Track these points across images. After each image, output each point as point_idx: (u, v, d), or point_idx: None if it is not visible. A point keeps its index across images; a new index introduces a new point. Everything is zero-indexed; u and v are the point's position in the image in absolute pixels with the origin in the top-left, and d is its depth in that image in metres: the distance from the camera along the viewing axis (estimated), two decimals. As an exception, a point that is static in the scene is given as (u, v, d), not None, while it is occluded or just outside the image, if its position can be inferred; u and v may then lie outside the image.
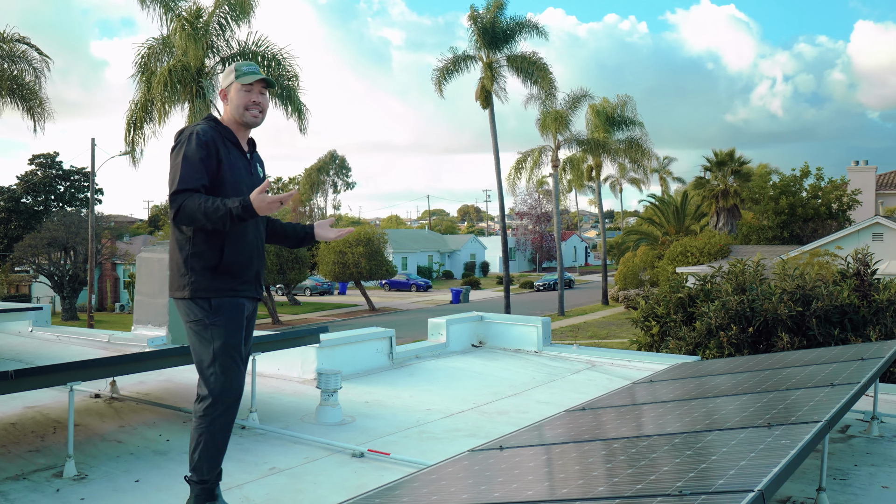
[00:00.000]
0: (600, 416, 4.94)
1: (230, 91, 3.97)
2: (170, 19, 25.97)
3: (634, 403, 5.24)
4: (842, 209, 38.71)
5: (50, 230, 46.81)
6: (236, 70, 3.97)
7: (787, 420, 3.75)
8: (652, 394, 5.58)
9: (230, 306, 3.83)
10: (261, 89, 3.98)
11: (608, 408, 5.21)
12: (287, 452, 5.16)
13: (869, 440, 5.65)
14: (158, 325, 8.31)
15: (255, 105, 3.95)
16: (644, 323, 14.42)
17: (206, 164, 3.77)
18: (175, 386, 6.95)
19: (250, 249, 3.92)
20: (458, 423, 6.06)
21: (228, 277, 3.84)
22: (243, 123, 3.96)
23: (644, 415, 4.76)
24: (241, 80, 3.93)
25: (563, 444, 4.18)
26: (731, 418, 4.07)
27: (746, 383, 5.25)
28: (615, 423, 4.60)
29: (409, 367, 8.11)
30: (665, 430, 4.05)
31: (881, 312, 11.31)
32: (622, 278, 46.37)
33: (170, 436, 5.44)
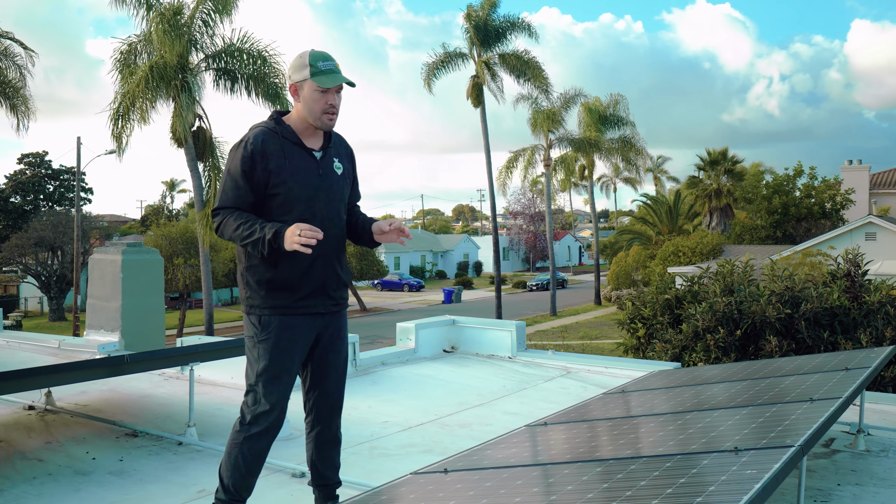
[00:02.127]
0: (560, 433, 4.54)
1: (303, 88, 3.55)
2: (149, 17, 25.53)
3: (599, 418, 4.84)
4: (835, 209, 38.38)
5: (37, 230, 46.32)
6: (311, 66, 3.52)
7: (757, 443, 3.34)
8: (620, 407, 5.18)
9: (281, 325, 3.54)
10: (339, 89, 3.60)
11: (570, 423, 4.81)
12: (222, 472, 4.74)
13: (854, 456, 5.25)
14: (111, 331, 7.90)
15: (331, 108, 3.57)
16: (630, 325, 14.04)
17: (249, 179, 3.49)
18: (118, 397, 6.53)
19: (311, 258, 3.50)
20: (416, 437, 5.65)
21: (284, 292, 3.55)
22: (320, 128, 3.60)
23: (606, 433, 4.36)
24: (317, 81, 3.51)
25: (513, 469, 3.78)
26: (697, 440, 3.67)
27: (719, 397, 4.84)
28: (574, 443, 4.19)
29: (372, 374, 7.69)
30: (622, 454, 3.64)
31: (872, 315, 10.93)
32: (615, 278, 46.02)
33: (97, 453, 5.03)
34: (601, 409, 5.15)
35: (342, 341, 3.79)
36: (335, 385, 3.77)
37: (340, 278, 3.72)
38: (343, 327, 3.79)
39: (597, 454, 3.75)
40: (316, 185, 3.59)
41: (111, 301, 7.94)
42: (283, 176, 3.51)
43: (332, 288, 3.67)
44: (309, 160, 3.60)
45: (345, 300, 3.81)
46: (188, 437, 5.31)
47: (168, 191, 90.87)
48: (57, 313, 46.76)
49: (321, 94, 3.53)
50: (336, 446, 3.86)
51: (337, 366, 3.77)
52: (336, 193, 3.67)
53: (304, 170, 3.57)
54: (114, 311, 7.91)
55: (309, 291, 3.58)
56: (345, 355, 3.83)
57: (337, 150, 3.75)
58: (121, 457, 4.98)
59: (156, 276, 8.22)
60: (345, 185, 3.74)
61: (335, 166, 3.69)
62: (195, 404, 6.23)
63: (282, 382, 3.57)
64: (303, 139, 3.62)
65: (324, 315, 3.66)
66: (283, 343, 3.55)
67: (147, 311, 8.08)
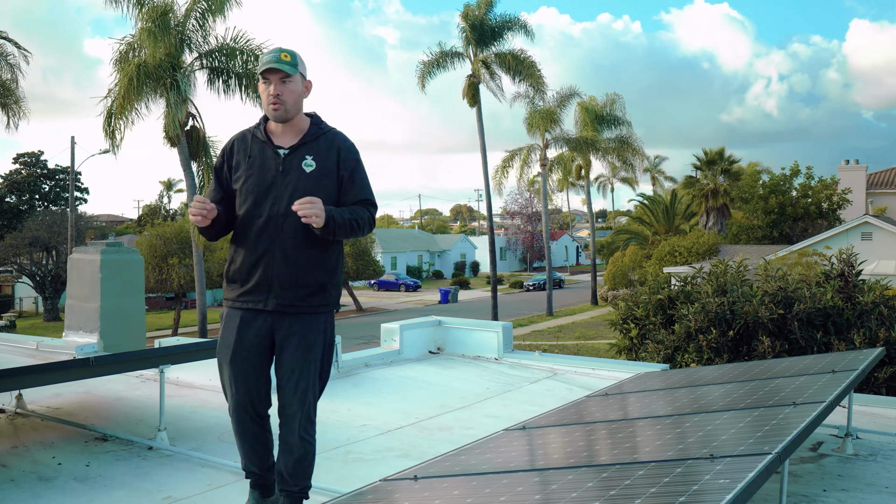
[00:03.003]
0: (537, 438, 4.41)
1: (259, 88, 3.69)
2: (139, 16, 25.38)
3: (578, 422, 4.70)
4: (832, 208, 38.26)
5: (32, 230, 46.15)
6: (259, 62, 3.65)
7: (733, 450, 3.21)
8: (601, 410, 5.05)
9: (227, 317, 3.68)
10: (280, 78, 3.58)
11: (548, 427, 4.68)
12: (190, 478, 4.61)
13: (842, 460, 5.13)
14: (89, 332, 7.76)
15: (272, 98, 3.58)
16: (622, 326, 13.91)
17: (219, 176, 3.73)
18: (92, 399, 6.39)
19: (259, 254, 3.55)
20: (394, 441, 5.51)
21: (233, 286, 3.66)
22: (273, 120, 3.64)
23: (583, 438, 4.23)
24: (258, 72, 3.63)
25: (483, 476, 3.64)
26: (674, 446, 3.53)
27: (702, 400, 4.71)
28: (548, 449, 4.06)
29: (355, 376, 7.56)
30: (596, 461, 3.51)
31: (866, 315, 10.81)
32: (611, 278, 45.88)
33: (64, 458, 4.89)
34: (581, 413, 5.02)
35: (298, 346, 3.59)
36: (287, 391, 3.61)
37: (296, 279, 3.57)
38: (301, 332, 3.60)
39: (570, 461, 3.62)
40: (272, 182, 3.57)
41: (90, 302, 7.80)
42: (241, 171, 3.64)
43: (280, 287, 3.56)
44: (272, 157, 3.61)
45: (306, 303, 3.61)
46: (158, 441, 5.17)
47: (165, 191, 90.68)
48: (51, 313, 46.56)
49: (265, 86, 3.60)
50: (290, 453, 3.65)
51: (289, 372, 3.60)
52: (301, 191, 3.54)
53: (263, 165, 3.61)
54: (92, 311, 7.77)
55: (251, 287, 3.58)
56: (303, 360, 3.60)
57: (314, 148, 3.65)
58: (88, 462, 4.85)
59: (136, 276, 8.08)
60: (318, 184, 3.60)
61: (304, 164, 3.61)
62: (170, 407, 6.11)
63: (225, 374, 3.66)
64: (274, 137, 3.66)
65: (271, 314, 3.58)
66: (225, 335, 3.65)
67: (127, 312, 7.93)
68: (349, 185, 3.67)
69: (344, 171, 3.66)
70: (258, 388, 3.66)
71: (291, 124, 3.67)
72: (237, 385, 3.63)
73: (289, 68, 3.57)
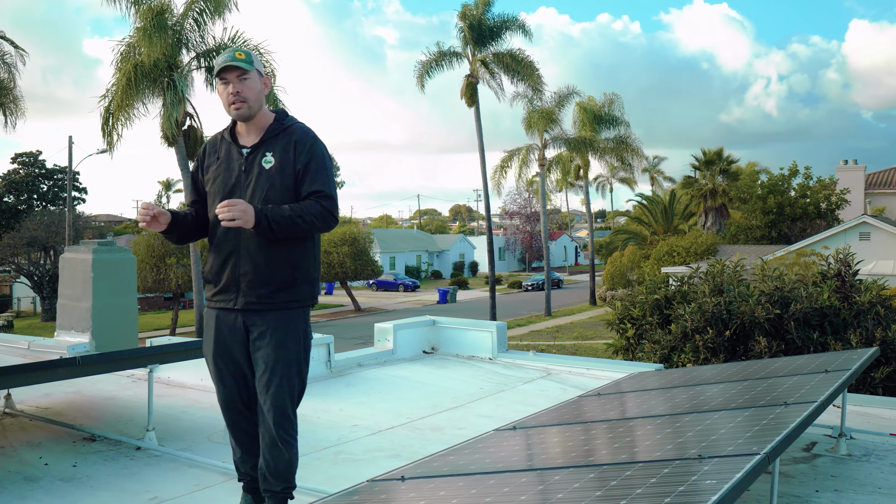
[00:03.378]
0: (527, 439, 4.37)
1: (218, 90, 3.70)
2: (137, 15, 25.35)
3: (569, 422, 4.66)
4: (830, 209, 38.22)
5: (30, 230, 46.09)
6: (214, 64, 3.69)
7: (722, 450, 3.18)
8: (593, 410, 5.01)
9: (206, 317, 3.77)
10: (237, 77, 3.61)
11: (539, 427, 4.64)
12: (178, 478, 4.57)
13: (835, 460, 5.09)
14: (81, 332, 7.71)
15: (233, 97, 3.60)
16: (619, 325, 13.88)
17: (195, 179, 3.83)
18: (82, 399, 6.35)
19: (226, 254, 3.64)
20: (384, 441, 5.48)
21: (208, 286, 3.75)
22: (235, 119, 3.68)
23: (573, 438, 4.19)
24: (215, 75, 3.69)
25: (473, 476, 3.60)
26: (662, 446, 3.50)
27: (693, 400, 4.68)
28: (537, 449, 4.03)
29: (347, 376, 7.51)
30: (584, 462, 3.47)
31: (862, 315, 10.78)
32: (610, 278, 45.82)
33: (51, 458, 4.85)
34: (573, 414, 4.98)
35: (268, 343, 3.60)
36: (264, 388, 3.61)
37: (263, 277, 3.59)
38: (272, 329, 3.60)
39: (558, 462, 3.58)
40: (236, 180, 3.65)
41: (82, 301, 7.75)
42: (210, 173, 3.74)
43: (248, 285, 3.60)
44: (235, 157, 3.68)
45: (274, 300, 3.61)
46: (147, 441, 5.13)
47: (164, 190, 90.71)
48: (49, 313, 46.44)
49: (223, 85, 3.63)
50: (277, 452, 3.62)
51: (263, 368, 3.60)
52: (262, 188, 3.60)
53: (228, 166, 3.68)
54: (84, 311, 7.71)
55: (222, 287, 3.66)
56: (276, 358, 3.59)
57: (274, 144, 3.66)
58: (75, 462, 4.81)
59: (128, 275, 8.03)
60: (278, 179, 3.61)
61: (264, 161, 3.63)
62: (160, 407, 6.08)
63: (212, 372, 3.76)
64: (239, 138, 3.73)
65: (242, 312, 3.62)
66: (206, 334, 3.76)
67: (119, 312, 7.88)
68: (303, 177, 3.63)
69: (299, 163, 3.63)
70: (244, 383, 3.71)
71: (255, 123, 3.68)
72: (223, 381, 3.74)
73: (245, 65, 3.60)
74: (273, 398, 3.58)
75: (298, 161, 3.62)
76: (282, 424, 3.60)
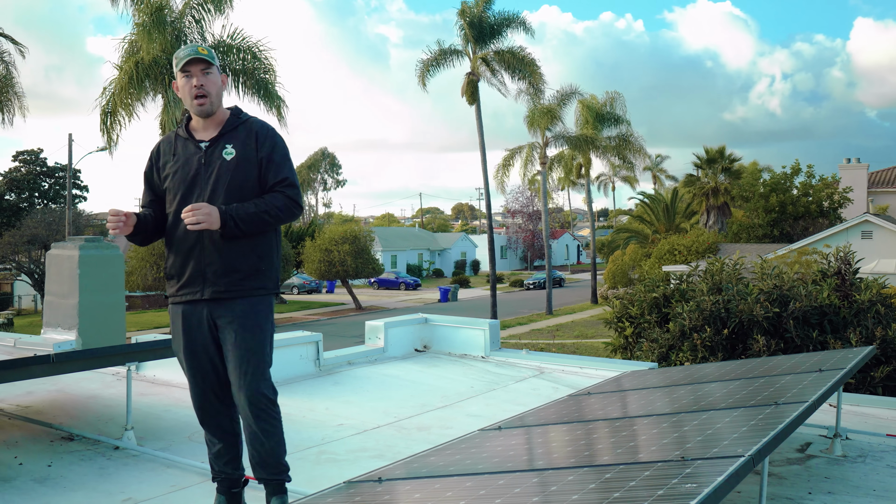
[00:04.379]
0: (511, 439, 4.25)
1: (178, 84, 3.69)
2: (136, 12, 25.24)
3: (556, 422, 4.55)
4: (833, 207, 38.03)
5: (30, 227, 46.01)
6: (175, 58, 3.67)
7: (706, 453, 3.06)
8: (581, 410, 4.89)
9: (172, 314, 3.73)
10: (201, 70, 3.61)
11: (525, 427, 4.52)
12: (154, 479, 4.47)
13: (830, 462, 4.97)
14: (68, 329, 7.60)
15: (196, 90, 3.60)
16: (617, 324, 13.76)
17: (150, 180, 3.78)
18: (65, 397, 6.24)
19: (189, 246, 3.61)
20: (369, 441, 5.36)
21: (171, 282, 3.71)
22: (197, 115, 3.66)
23: (558, 439, 4.08)
24: (178, 68, 3.63)
25: (450, 478, 3.49)
26: (647, 447, 3.38)
27: (683, 400, 4.56)
28: (520, 450, 3.91)
29: (336, 374, 7.40)
30: (565, 463, 3.36)
31: (862, 313, 10.64)
32: (611, 277, 45.65)
33: (26, 458, 4.74)
34: (560, 413, 4.86)
35: (238, 329, 3.58)
36: (237, 376, 3.59)
37: (229, 265, 3.58)
38: (241, 316, 3.58)
39: (538, 464, 3.47)
40: (195, 175, 3.61)
41: (68, 298, 7.64)
42: (168, 170, 3.69)
43: (214, 275, 3.58)
44: (194, 151, 3.65)
45: (241, 287, 3.60)
46: (125, 441, 5.02)
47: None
48: (50, 311, 46.41)
49: (186, 80, 3.62)
50: (258, 440, 3.62)
51: (234, 356, 3.59)
52: (223, 179, 3.59)
53: (187, 161, 3.65)
54: (71, 308, 7.61)
55: (186, 279, 3.62)
56: (248, 345, 3.58)
57: (233, 137, 3.68)
58: (50, 462, 4.70)
59: (116, 271, 7.93)
60: (239, 170, 3.62)
61: (225, 153, 3.63)
62: (143, 405, 5.98)
63: (186, 370, 3.74)
64: (195, 133, 3.71)
65: (208, 302, 3.59)
66: (174, 330, 3.71)
67: (106, 309, 7.78)
68: (267, 167, 3.65)
69: (262, 153, 3.64)
70: (215, 376, 3.70)
71: (213, 118, 3.68)
72: (195, 377, 3.73)
73: (209, 58, 3.63)
74: (249, 388, 3.56)
75: (261, 150, 3.64)
76: (260, 416, 3.59)
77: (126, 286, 40.68)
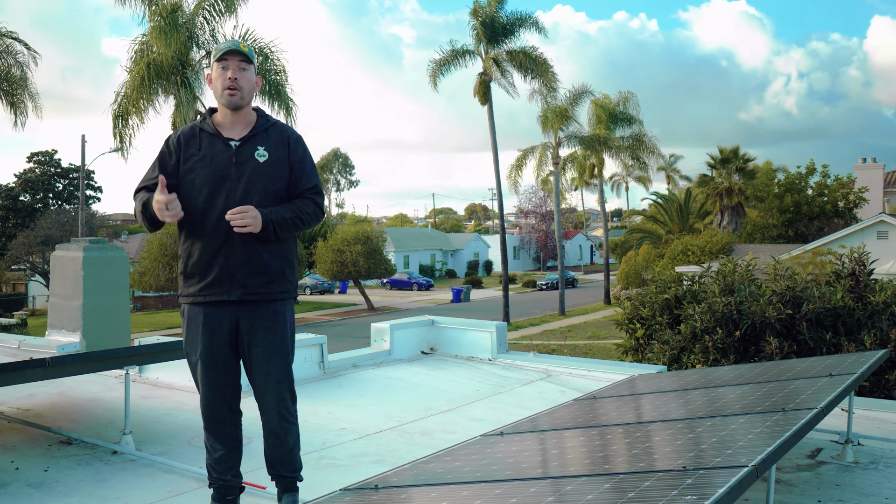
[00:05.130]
0: (513, 445, 4.16)
1: (212, 74, 3.68)
2: (149, 14, 25.28)
3: (558, 428, 4.46)
4: (848, 207, 37.68)
5: (44, 228, 46.28)
6: (215, 49, 3.69)
7: (709, 462, 2.96)
8: (585, 415, 4.80)
9: (189, 314, 3.63)
10: (238, 64, 3.62)
11: (527, 433, 4.43)
12: (150, 484, 4.40)
13: (840, 468, 4.86)
14: (72, 331, 7.57)
15: (230, 81, 3.59)
16: (628, 325, 13.62)
17: (164, 166, 3.63)
18: (66, 400, 6.19)
19: (217, 244, 3.54)
20: (370, 445, 5.28)
21: (193, 280, 3.61)
22: (224, 105, 3.63)
23: (560, 446, 3.98)
24: (215, 58, 3.65)
25: (447, 486, 3.41)
26: (648, 456, 3.29)
27: (689, 405, 4.46)
28: (521, 457, 3.82)
29: (341, 377, 7.32)
30: (566, 472, 3.27)
31: (877, 315, 10.47)
32: (624, 277, 45.43)
33: (23, 462, 4.69)
34: (564, 418, 4.77)
35: (268, 333, 3.60)
36: (263, 379, 3.62)
37: (258, 267, 3.57)
38: (272, 319, 3.61)
39: (537, 472, 3.37)
40: (225, 172, 3.57)
41: (72, 300, 7.62)
42: (192, 163, 3.60)
43: (243, 275, 3.55)
44: (223, 149, 3.61)
45: (268, 290, 3.62)
46: (123, 445, 4.96)
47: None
48: (64, 312, 46.63)
49: (222, 71, 3.60)
50: (279, 440, 3.69)
51: (263, 360, 3.61)
52: (256, 180, 3.59)
53: (215, 158, 3.59)
54: (75, 310, 7.58)
55: (213, 279, 3.54)
56: (275, 349, 3.62)
57: (265, 139, 3.68)
58: (47, 467, 4.65)
59: (120, 273, 7.88)
60: (272, 172, 3.63)
61: (257, 154, 3.62)
62: (144, 409, 5.93)
63: (198, 374, 3.62)
64: (222, 130, 3.66)
65: (236, 304, 3.56)
66: (190, 332, 3.61)
67: (110, 310, 7.74)
68: (299, 173, 3.69)
69: (294, 158, 3.69)
70: (230, 382, 3.67)
71: (241, 116, 3.66)
72: (208, 380, 3.63)
73: (248, 54, 3.64)
74: (276, 390, 3.63)
75: (294, 156, 3.69)
76: (288, 408, 3.68)
77: (139, 287, 40.93)
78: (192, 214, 3.58)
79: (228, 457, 3.72)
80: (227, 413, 3.70)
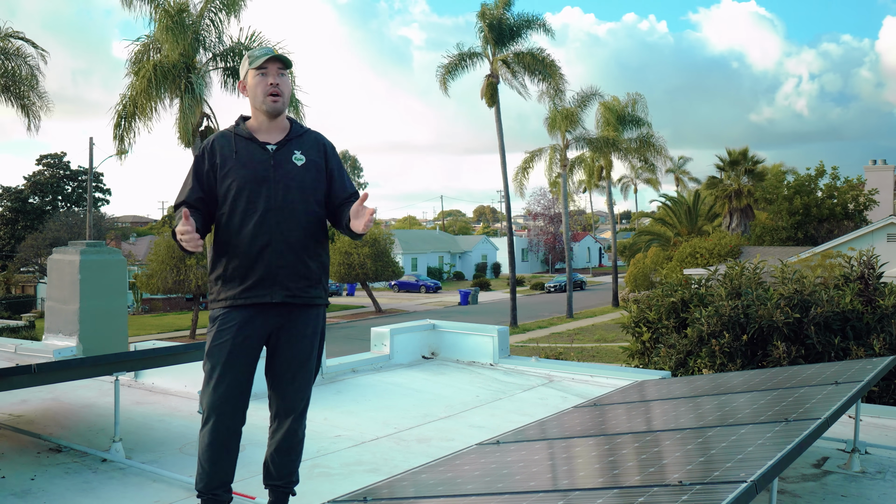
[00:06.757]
0: (508, 455, 4.05)
1: (248, 81, 3.67)
2: (156, 16, 25.25)
3: (556, 437, 4.34)
4: (858, 209, 37.42)
5: (53, 230, 46.39)
6: (249, 57, 3.68)
7: (706, 476, 2.84)
8: (584, 423, 4.68)
9: (222, 318, 3.54)
10: (278, 70, 3.64)
11: (524, 442, 4.32)
12: (137, 494, 4.30)
13: (847, 478, 4.72)
14: (69, 335, 7.49)
15: (272, 87, 3.60)
16: (634, 329, 13.49)
17: (199, 176, 3.62)
18: (59, 406, 6.11)
19: (260, 247, 3.52)
20: (365, 454, 5.17)
21: (232, 284, 3.56)
22: (265, 112, 3.63)
23: (556, 456, 3.87)
24: (253, 66, 3.63)
25: (438, 499, 3.30)
26: (646, 469, 3.17)
27: (691, 414, 4.34)
28: (515, 468, 3.70)
29: (339, 383, 7.22)
30: (558, 485, 3.16)
31: (886, 319, 10.31)
32: (632, 280, 45.23)
33: (9, 471, 4.60)
34: (563, 427, 4.65)
35: (301, 338, 3.61)
36: (289, 386, 3.62)
37: (300, 270, 3.57)
38: (305, 324, 3.61)
39: (531, 484, 3.26)
40: (264, 175, 3.56)
41: (69, 304, 7.54)
42: (229, 167, 3.58)
43: (286, 278, 3.54)
44: (260, 152, 3.60)
45: (308, 295, 3.61)
46: (113, 453, 4.86)
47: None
48: (72, 314, 46.70)
49: (261, 77, 3.61)
50: (291, 450, 3.68)
51: (292, 365, 3.60)
52: (295, 183, 3.60)
53: (252, 161, 3.58)
54: (72, 314, 7.51)
55: (255, 281, 3.51)
56: (305, 355, 3.63)
57: (300, 144, 3.70)
58: (34, 475, 4.56)
59: (117, 277, 7.81)
60: (309, 176, 3.65)
61: (294, 158, 3.64)
62: (137, 415, 5.84)
63: (216, 375, 3.49)
64: (257, 135, 3.66)
65: (277, 306, 3.54)
66: (220, 336, 3.51)
67: (108, 315, 7.66)
68: (339, 179, 3.75)
69: (331, 165, 3.75)
70: (247, 391, 3.60)
71: (276, 123, 3.69)
72: (229, 384, 3.51)
73: (287, 61, 3.66)
74: (300, 395, 3.65)
75: (330, 163, 3.75)
76: (300, 426, 3.68)
77: (147, 289, 40.94)
78: (231, 218, 3.55)
79: (224, 470, 3.57)
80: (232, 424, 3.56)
